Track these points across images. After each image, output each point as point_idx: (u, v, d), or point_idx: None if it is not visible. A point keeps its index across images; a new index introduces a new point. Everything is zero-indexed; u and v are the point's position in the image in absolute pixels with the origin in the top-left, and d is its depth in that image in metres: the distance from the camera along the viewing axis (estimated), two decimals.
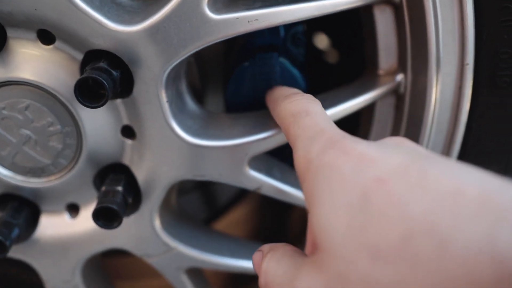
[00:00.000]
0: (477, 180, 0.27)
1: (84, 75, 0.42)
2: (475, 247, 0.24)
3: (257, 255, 0.40)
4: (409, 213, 0.27)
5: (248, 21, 0.44)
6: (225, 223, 0.89)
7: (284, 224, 0.85)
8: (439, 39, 0.48)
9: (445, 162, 0.30)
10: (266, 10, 0.44)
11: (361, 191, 0.29)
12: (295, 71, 0.54)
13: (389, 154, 0.31)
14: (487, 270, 0.24)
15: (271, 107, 0.47)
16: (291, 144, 0.39)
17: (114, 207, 0.48)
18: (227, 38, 0.44)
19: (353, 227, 0.29)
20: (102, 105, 0.43)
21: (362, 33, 0.57)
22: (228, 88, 0.54)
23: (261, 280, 0.37)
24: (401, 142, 0.35)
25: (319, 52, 0.86)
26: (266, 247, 0.40)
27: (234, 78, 0.54)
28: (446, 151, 0.53)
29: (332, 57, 0.92)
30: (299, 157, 0.36)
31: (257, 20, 0.44)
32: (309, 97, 0.43)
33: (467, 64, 0.48)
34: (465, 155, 0.53)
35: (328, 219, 0.30)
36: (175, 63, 0.45)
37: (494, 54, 0.48)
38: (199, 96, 0.58)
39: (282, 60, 0.53)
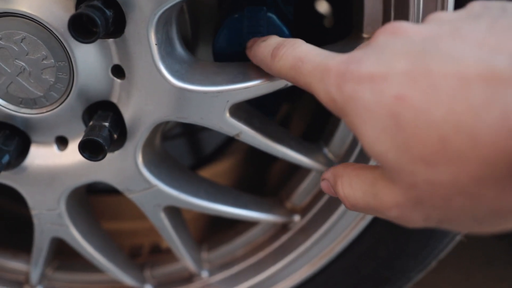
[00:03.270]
0: (475, 58, 0.30)
1: (79, 11, 0.44)
2: (496, 131, 0.28)
3: (325, 184, 0.45)
4: (435, 119, 0.30)
5: None
6: (209, 174, 0.93)
7: (263, 177, 0.88)
8: (419, 12, 0.50)
9: (439, 45, 0.32)
10: None
11: (388, 114, 0.32)
12: (283, 26, 0.56)
13: (390, 63, 0.33)
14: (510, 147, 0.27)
15: (263, 67, 0.49)
16: (308, 90, 0.41)
17: (100, 140, 0.51)
18: None
19: (399, 146, 0.32)
20: (93, 41, 0.45)
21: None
22: (216, 37, 0.57)
23: (346, 205, 0.41)
24: (393, 33, 0.36)
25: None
26: (328, 175, 0.44)
27: (223, 28, 0.56)
28: None
29: (328, 22, 0.94)
30: (323, 99, 0.38)
31: None
32: (289, 42, 0.45)
33: None
34: None
35: (376, 146, 0.34)
36: (166, 7, 0.47)
37: None
38: (189, 44, 0.60)
39: (270, 14, 0.56)
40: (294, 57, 0.42)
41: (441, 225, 0.35)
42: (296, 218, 0.71)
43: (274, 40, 0.48)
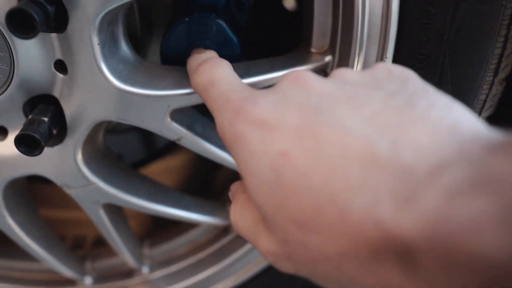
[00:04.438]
0: (361, 134, 0.30)
1: (17, 5, 0.43)
2: (363, 215, 0.28)
3: (230, 196, 0.44)
4: (313, 186, 0.30)
5: None
6: (160, 168, 0.92)
7: (212, 178, 0.89)
8: (363, 30, 0.51)
9: (333, 109, 0.32)
10: None
11: (271, 168, 0.32)
12: (231, 34, 0.56)
13: (284, 114, 0.33)
14: (374, 235, 0.27)
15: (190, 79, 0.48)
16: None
17: (36, 135, 0.51)
18: None
19: (276, 203, 0.32)
20: (31, 37, 0.44)
21: (302, 11, 0.59)
22: (165, 40, 0.56)
23: (234, 228, 0.41)
24: (295, 82, 0.36)
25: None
26: (233, 190, 0.43)
27: (172, 31, 0.56)
28: None
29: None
30: (218, 130, 0.38)
31: None
32: (213, 61, 0.44)
33: (386, 58, 0.51)
34: None
35: (257, 194, 0.33)
36: (109, 8, 0.47)
37: (412, 53, 0.51)
38: (138, 43, 0.59)
39: (220, 21, 0.55)
40: (208, 78, 0.42)
41: (311, 279, 0.35)
42: None
43: (206, 55, 0.48)
